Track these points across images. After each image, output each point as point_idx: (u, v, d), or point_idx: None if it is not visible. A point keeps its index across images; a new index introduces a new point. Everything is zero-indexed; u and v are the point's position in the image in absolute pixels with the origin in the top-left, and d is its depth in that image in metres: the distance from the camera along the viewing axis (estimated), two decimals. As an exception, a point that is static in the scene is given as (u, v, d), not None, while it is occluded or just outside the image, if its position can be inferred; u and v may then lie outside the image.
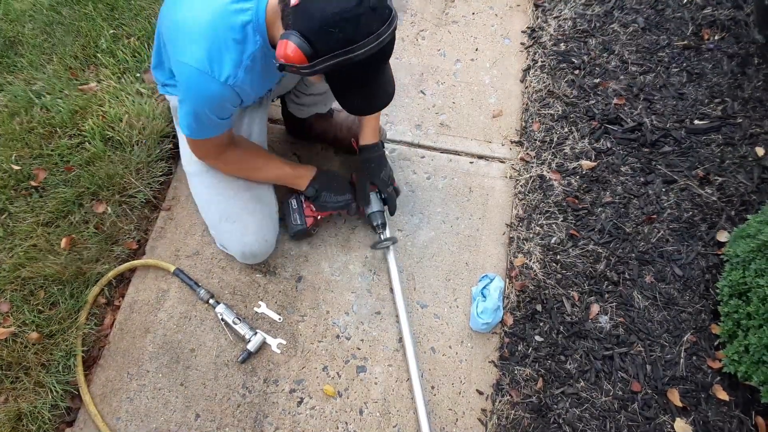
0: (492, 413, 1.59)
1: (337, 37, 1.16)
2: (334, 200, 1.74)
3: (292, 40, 1.17)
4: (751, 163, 1.92)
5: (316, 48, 1.18)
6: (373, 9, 1.15)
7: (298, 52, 1.18)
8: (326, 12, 1.14)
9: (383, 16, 1.17)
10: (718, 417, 1.54)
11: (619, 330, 1.68)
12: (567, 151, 2.00)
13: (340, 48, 1.17)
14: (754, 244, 1.54)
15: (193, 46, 1.29)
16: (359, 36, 1.16)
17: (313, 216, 1.77)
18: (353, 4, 1.13)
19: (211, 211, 1.72)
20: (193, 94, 1.36)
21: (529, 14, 2.37)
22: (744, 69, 2.11)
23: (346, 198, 1.74)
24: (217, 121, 1.43)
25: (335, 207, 1.75)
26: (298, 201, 1.78)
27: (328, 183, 1.73)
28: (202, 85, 1.32)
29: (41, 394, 1.58)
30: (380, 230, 1.76)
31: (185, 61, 1.30)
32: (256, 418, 1.59)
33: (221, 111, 1.41)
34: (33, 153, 1.97)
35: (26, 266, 1.75)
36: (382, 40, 1.18)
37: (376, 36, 1.17)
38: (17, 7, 2.39)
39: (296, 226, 1.76)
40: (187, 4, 1.33)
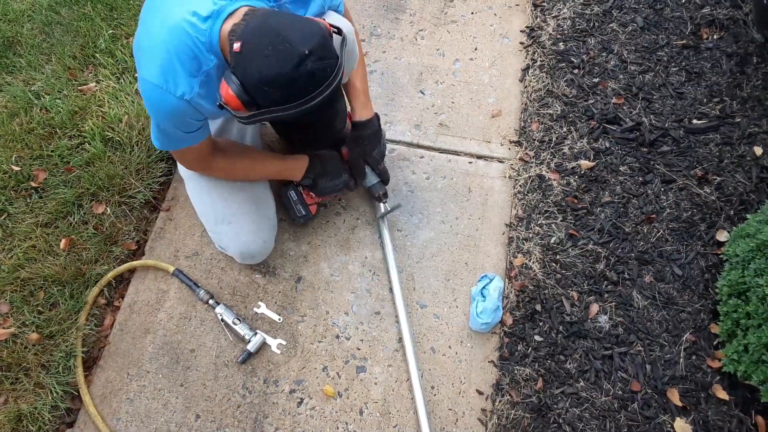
0: (492, 413, 1.59)
1: (271, 96, 1.18)
2: (332, 184, 1.73)
3: (231, 86, 1.19)
4: (749, 162, 1.92)
5: (253, 99, 1.20)
6: (311, 74, 1.17)
7: (236, 99, 1.20)
8: (262, 72, 1.16)
9: (322, 78, 1.19)
10: (717, 416, 1.55)
11: (618, 330, 1.68)
12: (566, 150, 2.00)
13: (277, 105, 1.19)
14: (753, 244, 1.54)
15: (149, 62, 1.29)
16: (294, 97, 1.18)
17: (315, 202, 1.81)
18: (288, 69, 1.15)
19: (207, 214, 1.72)
20: (153, 108, 1.37)
21: (528, 14, 2.37)
22: (743, 68, 2.12)
23: (342, 179, 1.74)
24: (182, 134, 1.43)
25: (334, 190, 1.75)
26: (296, 192, 1.78)
27: (323, 168, 1.72)
28: (159, 99, 1.32)
29: (41, 395, 1.58)
30: (384, 199, 1.79)
31: (143, 76, 1.31)
32: (256, 418, 1.59)
33: (183, 125, 1.41)
34: (33, 154, 1.97)
35: (26, 267, 1.75)
36: (320, 100, 1.20)
37: (314, 97, 1.19)
38: (16, 8, 2.39)
39: (302, 217, 1.79)
40: (148, 22, 1.35)
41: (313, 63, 1.16)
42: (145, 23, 1.37)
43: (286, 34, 1.16)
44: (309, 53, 1.15)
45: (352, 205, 1.92)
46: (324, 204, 1.89)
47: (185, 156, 1.56)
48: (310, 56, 1.16)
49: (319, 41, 1.18)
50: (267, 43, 1.16)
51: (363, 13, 2.38)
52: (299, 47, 1.15)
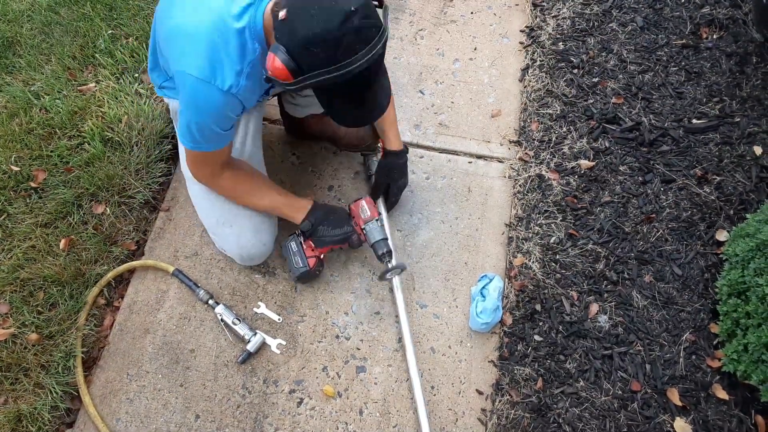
0: (492, 413, 1.59)
1: (319, 57, 1.16)
2: (332, 234, 1.65)
3: (278, 55, 1.18)
4: (749, 162, 1.92)
5: (300, 65, 1.19)
6: (357, 31, 1.15)
7: (284, 69, 1.19)
8: (309, 32, 1.15)
9: (368, 37, 1.17)
10: (717, 416, 1.55)
11: (618, 329, 1.68)
12: (566, 150, 2.00)
13: (323, 67, 1.17)
14: (753, 243, 1.54)
15: (193, 55, 1.27)
16: (342, 56, 1.16)
17: (315, 256, 1.69)
18: (335, 24, 1.13)
19: (209, 216, 1.72)
20: (195, 104, 1.34)
21: (527, 13, 2.37)
22: (742, 68, 2.12)
23: (344, 231, 1.66)
24: (219, 132, 1.41)
25: (334, 241, 1.66)
26: (297, 243, 1.70)
27: (325, 216, 1.65)
28: (206, 94, 1.30)
29: (41, 395, 1.58)
30: (387, 259, 1.65)
31: (186, 70, 1.28)
32: (256, 418, 1.59)
33: (224, 121, 1.40)
34: (32, 154, 1.97)
35: (25, 267, 1.75)
36: (366, 61, 1.18)
37: (360, 56, 1.17)
38: (15, 8, 2.39)
39: (299, 269, 1.68)
40: (181, 8, 1.32)
41: (359, 20, 1.15)
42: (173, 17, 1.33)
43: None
44: (354, 10, 1.14)
45: (351, 205, 1.92)
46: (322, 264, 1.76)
47: (202, 162, 1.53)
48: (356, 13, 1.14)
49: (364, 1, 1.17)
50: (312, 3, 1.16)
51: (362, 13, 2.38)
52: (344, 4, 1.14)
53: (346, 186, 1.96)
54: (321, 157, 2.02)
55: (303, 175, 1.98)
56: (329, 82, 1.19)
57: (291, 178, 1.97)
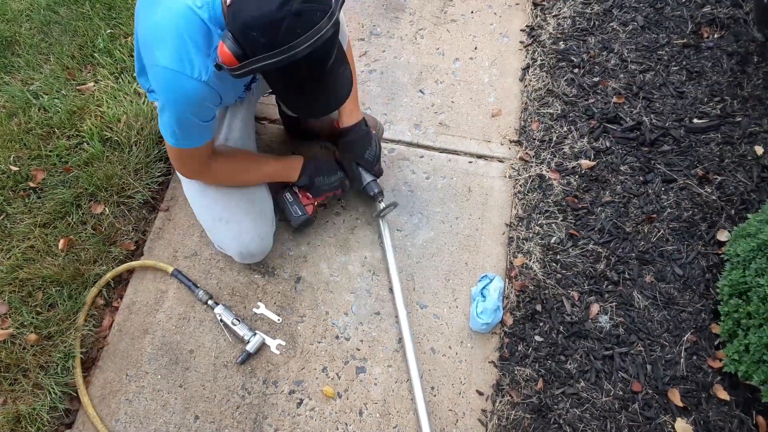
0: (492, 414, 1.58)
1: (260, 41, 1.16)
2: (328, 182, 1.74)
3: (225, 41, 1.19)
4: (750, 161, 1.91)
5: (244, 50, 1.18)
6: (297, 14, 1.14)
7: (229, 55, 1.19)
8: (247, 15, 1.15)
9: (311, 21, 1.16)
10: (718, 417, 1.54)
11: (619, 330, 1.67)
12: (566, 150, 2.00)
13: (265, 51, 1.16)
14: (754, 244, 1.54)
15: (161, 48, 1.28)
16: (282, 41, 1.15)
17: (311, 203, 1.78)
18: (273, 8, 1.13)
19: (205, 213, 1.71)
20: (171, 96, 1.34)
21: (528, 13, 2.37)
22: (743, 67, 2.11)
23: (338, 176, 1.75)
24: (200, 124, 1.41)
25: (330, 188, 1.76)
26: (292, 193, 1.78)
27: (318, 167, 1.74)
28: (178, 84, 1.30)
29: (40, 395, 1.58)
30: (380, 198, 1.77)
31: (158, 63, 1.29)
32: (256, 419, 1.59)
33: (202, 111, 1.39)
34: (31, 154, 1.96)
35: (24, 267, 1.75)
36: (309, 45, 1.16)
37: (302, 41, 1.15)
38: (14, 7, 2.38)
39: (299, 217, 1.77)
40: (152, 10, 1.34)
41: (300, 3, 1.14)
42: (145, 18, 1.35)
43: None
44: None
45: (351, 205, 1.92)
46: (323, 204, 1.87)
47: (191, 158, 1.53)
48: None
49: None
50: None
51: (362, 13, 2.38)
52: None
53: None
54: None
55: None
56: (273, 67, 1.18)
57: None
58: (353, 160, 1.75)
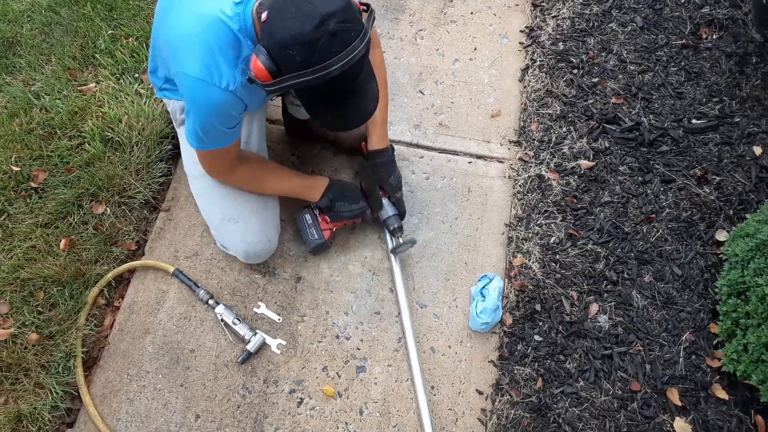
0: (492, 413, 1.59)
1: (296, 59, 1.17)
2: (349, 209, 1.72)
3: (259, 56, 1.19)
4: (749, 162, 1.92)
5: (279, 66, 1.19)
6: (333, 34, 1.15)
7: (263, 70, 1.20)
8: (285, 33, 1.16)
9: (345, 41, 1.17)
10: (717, 416, 1.55)
11: (618, 329, 1.68)
12: (565, 150, 2.00)
13: (300, 69, 1.17)
14: (752, 243, 1.55)
15: (190, 57, 1.30)
16: (318, 59, 1.16)
17: (329, 228, 1.75)
18: (310, 28, 1.14)
19: (213, 212, 1.71)
20: (197, 104, 1.36)
21: (527, 14, 2.38)
22: (742, 68, 2.12)
23: (360, 206, 1.73)
24: (224, 130, 1.43)
25: (350, 216, 1.74)
26: (312, 215, 1.76)
27: (342, 192, 1.73)
28: (205, 93, 1.32)
29: (41, 395, 1.58)
30: (399, 233, 1.73)
31: (185, 71, 1.31)
32: (256, 418, 1.60)
33: (227, 119, 1.41)
34: (33, 154, 1.97)
35: (25, 267, 1.75)
36: (343, 64, 1.17)
37: (336, 60, 1.17)
38: (15, 8, 2.39)
39: (314, 241, 1.74)
40: (177, 13, 1.34)
41: (335, 24, 1.15)
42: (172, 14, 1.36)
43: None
44: (332, 14, 1.15)
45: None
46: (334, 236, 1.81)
47: (216, 158, 1.55)
48: (333, 17, 1.15)
49: (343, 5, 1.18)
50: (290, 6, 1.17)
51: (362, 13, 2.38)
52: (322, 7, 1.15)
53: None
54: (321, 158, 2.03)
55: (303, 175, 1.98)
56: (306, 84, 1.20)
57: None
58: (377, 184, 1.74)
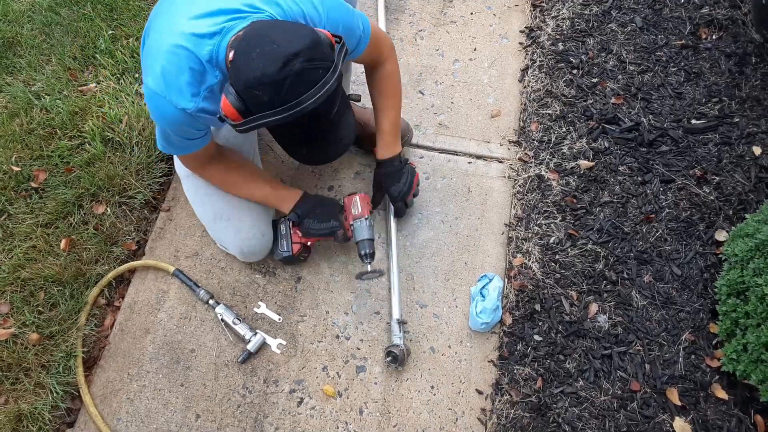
0: (491, 413, 1.59)
1: (262, 99, 1.17)
2: (317, 227, 1.68)
3: (228, 96, 1.19)
4: (748, 162, 1.92)
5: (247, 106, 1.19)
6: (299, 74, 1.14)
7: (232, 110, 1.20)
8: (250, 74, 1.16)
9: (313, 79, 1.16)
10: (717, 415, 1.55)
11: (617, 329, 1.68)
12: (565, 150, 2.00)
13: (268, 109, 1.17)
14: (752, 243, 1.55)
15: (151, 70, 1.30)
16: (286, 99, 1.16)
17: (300, 242, 1.71)
18: (274, 69, 1.13)
19: (205, 211, 1.72)
20: (154, 113, 1.38)
21: (527, 14, 2.38)
22: (742, 68, 2.12)
23: (330, 225, 1.68)
24: (185, 141, 1.44)
25: (319, 234, 1.69)
26: (286, 226, 1.73)
27: (313, 209, 1.69)
28: (160, 106, 1.32)
29: (41, 395, 1.59)
30: (367, 260, 1.64)
31: (147, 83, 1.32)
32: (257, 418, 1.60)
33: (184, 133, 1.41)
34: (33, 154, 1.97)
35: (26, 267, 1.76)
36: (312, 102, 1.16)
37: (305, 99, 1.16)
38: (16, 8, 2.39)
39: (282, 253, 1.71)
40: (156, 28, 1.35)
41: (300, 63, 1.14)
42: (154, 28, 1.37)
43: (274, 37, 1.16)
44: (296, 53, 1.14)
45: (351, 205, 1.93)
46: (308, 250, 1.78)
47: (185, 158, 1.59)
48: (298, 56, 1.14)
49: (309, 43, 1.17)
50: (254, 46, 1.16)
51: (362, 14, 2.38)
52: (286, 48, 1.14)
53: (346, 186, 1.96)
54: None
55: (303, 175, 1.98)
56: (276, 123, 1.19)
57: (291, 178, 1.97)
58: (382, 193, 1.77)
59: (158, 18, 1.38)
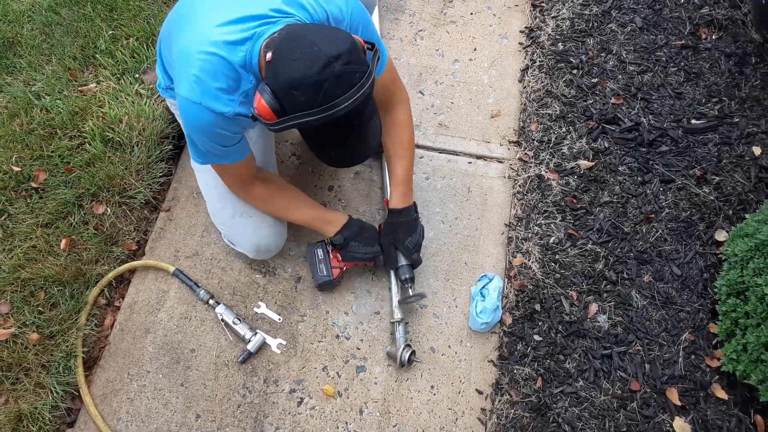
0: (491, 412, 1.59)
1: (300, 100, 1.17)
2: (363, 251, 1.67)
3: (263, 95, 1.20)
4: (748, 162, 1.92)
5: (283, 106, 1.20)
6: (338, 76, 1.16)
7: (267, 109, 1.20)
8: (290, 75, 1.16)
9: (350, 82, 1.18)
10: (716, 415, 1.55)
11: (617, 329, 1.68)
12: (565, 150, 2.01)
13: (305, 110, 1.18)
14: (752, 243, 1.55)
15: (185, 79, 1.30)
16: (323, 101, 1.17)
17: (340, 267, 1.71)
18: (315, 70, 1.14)
19: (224, 207, 1.69)
20: (188, 122, 1.37)
21: (527, 14, 2.38)
22: (741, 68, 2.12)
23: (374, 250, 1.68)
24: (220, 148, 1.42)
25: (363, 258, 1.68)
26: (324, 251, 1.72)
27: (359, 232, 1.68)
28: (194, 112, 1.32)
29: (41, 395, 1.58)
30: (409, 284, 1.66)
31: (180, 93, 1.31)
32: (257, 418, 1.60)
33: (220, 139, 1.40)
34: (33, 154, 1.97)
35: (26, 267, 1.75)
36: (347, 105, 1.18)
37: (341, 101, 1.17)
38: (16, 8, 2.39)
39: (322, 277, 1.70)
40: (189, 30, 1.34)
41: (340, 66, 1.16)
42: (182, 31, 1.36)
43: (314, 39, 1.17)
44: (337, 56, 1.15)
45: (351, 204, 1.93)
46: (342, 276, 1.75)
47: (226, 174, 1.56)
48: (338, 59, 1.16)
49: (348, 47, 1.18)
50: (295, 48, 1.17)
51: (362, 14, 2.38)
52: (327, 50, 1.16)
53: (346, 187, 1.96)
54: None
55: (303, 175, 1.98)
56: (311, 124, 1.20)
57: (291, 178, 1.97)
58: (392, 243, 1.70)
59: (181, 30, 1.37)
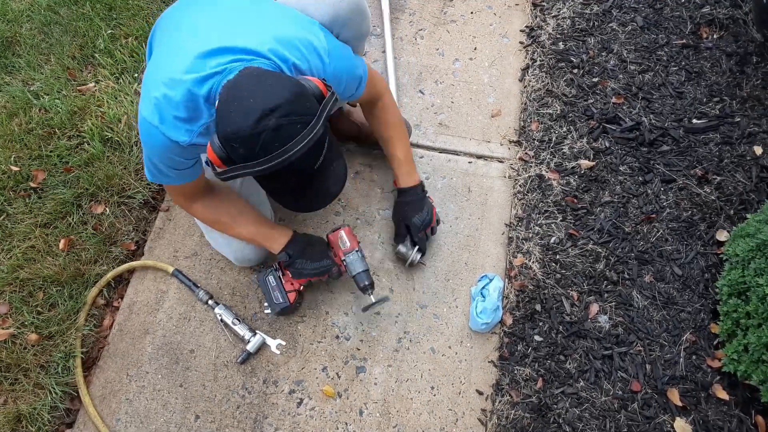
0: (492, 413, 1.59)
1: (240, 152, 1.16)
2: (310, 267, 1.61)
3: (213, 144, 1.18)
4: (749, 162, 1.92)
5: (229, 155, 1.18)
6: (275, 129, 1.12)
7: (215, 157, 1.19)
8: (226, 128, 1.15)
9: (290, 134, 1.14)
10: (717, 416, 1.55)
11: (618, 329, 1.68)
12: (566, 150, 2.00)
13: (244, 161, 1.16)
14: (753, 243, 1.54)
15: (149, 103, 1.27)
16: (261, 153, 1.14)
17: (295, 289, 1.66)
18: (249, 124, 1.12)
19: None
20: (143, 140, 1.35)
21: (527, 13, 2.37)
22: (742, 68, 2.11)
23: (323, 264, 1.62)
24: (173, 171, 1.40)
25: (312, 274, 1.62)
26: (275, 277, 1.67)
27: (303, 248, 1.62)
28: (152, 134, 1.30)
29: (40, 395, 1.58)
30: (369, 291, 1.60)
31: (141, 111, 1.30)
32: (256, 419, 1.59)
33: (172, 163, 1.38)
34: (32, 154, 1.97)
35: (25, 267, 1.75)
36: (289, 156, 1.14)
37: (281, 153, 1.14)
38: (14, 7, 2.39)
39: (279, 305, 1.64)
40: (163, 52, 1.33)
41: (278, 118, 1.12)
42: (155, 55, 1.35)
43: (254, 90, 1.15)
44: (274, 108, 1.12)
45: (351, 204, 1.92)
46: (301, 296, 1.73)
47: (171, 190, 1.56)
48: (275, 111, 1.12)
49: (288, 97, 1.14)
50: (233, 100, 1.15)
51: (362, 13, 2.38)
52: (264, 102, 1.12)
53: (346, 187, 1.95)
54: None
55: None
56: (254, 174, 1.18)
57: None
58: (402, 222, 1.73)
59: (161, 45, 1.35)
